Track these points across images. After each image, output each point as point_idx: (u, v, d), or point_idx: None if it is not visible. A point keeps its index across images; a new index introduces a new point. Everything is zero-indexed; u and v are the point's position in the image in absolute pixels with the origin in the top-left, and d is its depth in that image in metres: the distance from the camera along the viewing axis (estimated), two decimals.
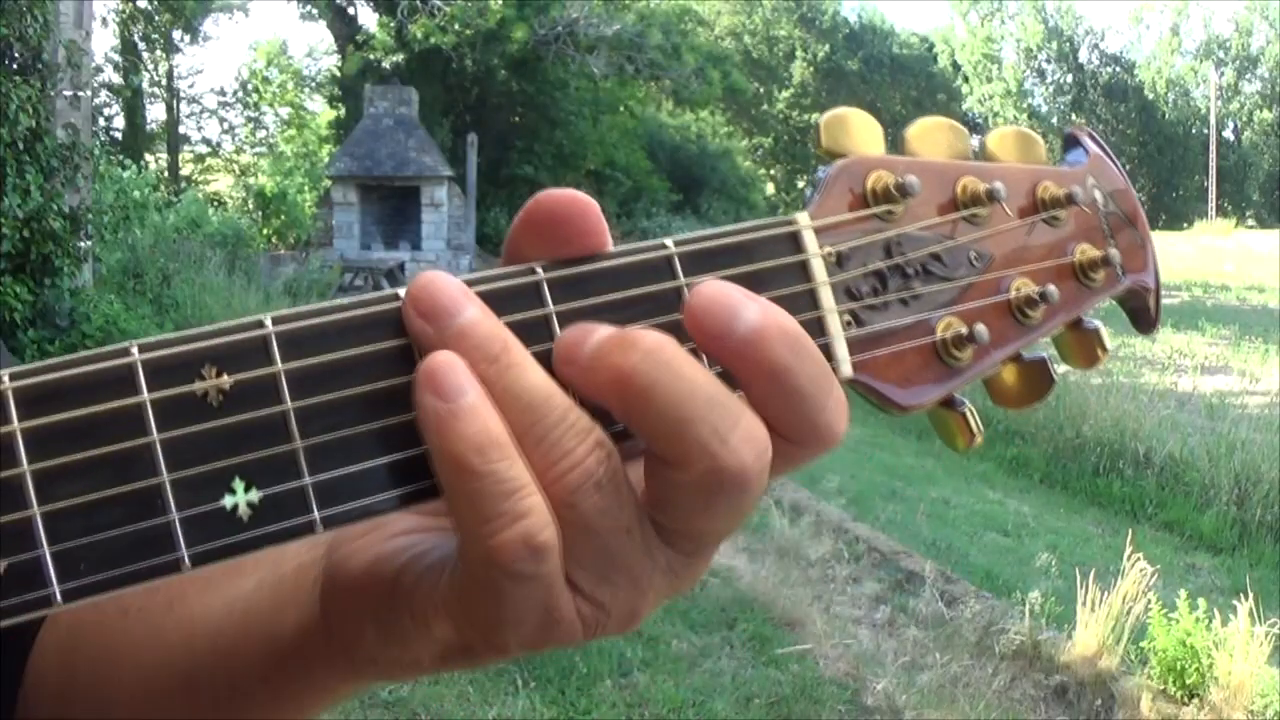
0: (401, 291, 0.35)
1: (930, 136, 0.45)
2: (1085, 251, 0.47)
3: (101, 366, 0.32)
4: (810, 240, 0.41)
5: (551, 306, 0.37)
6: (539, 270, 0.37)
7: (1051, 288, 0.45)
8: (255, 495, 0.33)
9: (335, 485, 0.34)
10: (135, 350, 0.32)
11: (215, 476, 0.33)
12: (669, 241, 0.39)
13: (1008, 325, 0.45)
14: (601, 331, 0.35)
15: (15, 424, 0.31)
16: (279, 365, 0.34)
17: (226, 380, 0.33)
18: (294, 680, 0.44)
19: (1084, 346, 0.47)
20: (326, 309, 0.35)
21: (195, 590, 0.47)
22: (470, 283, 0.36)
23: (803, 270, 0.40)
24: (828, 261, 0.41)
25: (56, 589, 0.31)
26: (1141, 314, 0.49)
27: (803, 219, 0.41)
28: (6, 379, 0.31)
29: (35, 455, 0.31)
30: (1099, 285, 0.47)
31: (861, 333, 0.41)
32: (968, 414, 0.44)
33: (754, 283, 0.39)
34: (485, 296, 0.36)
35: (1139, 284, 0.48)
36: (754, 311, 0.34)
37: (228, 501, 0.33)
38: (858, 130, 0.43)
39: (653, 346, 0.34)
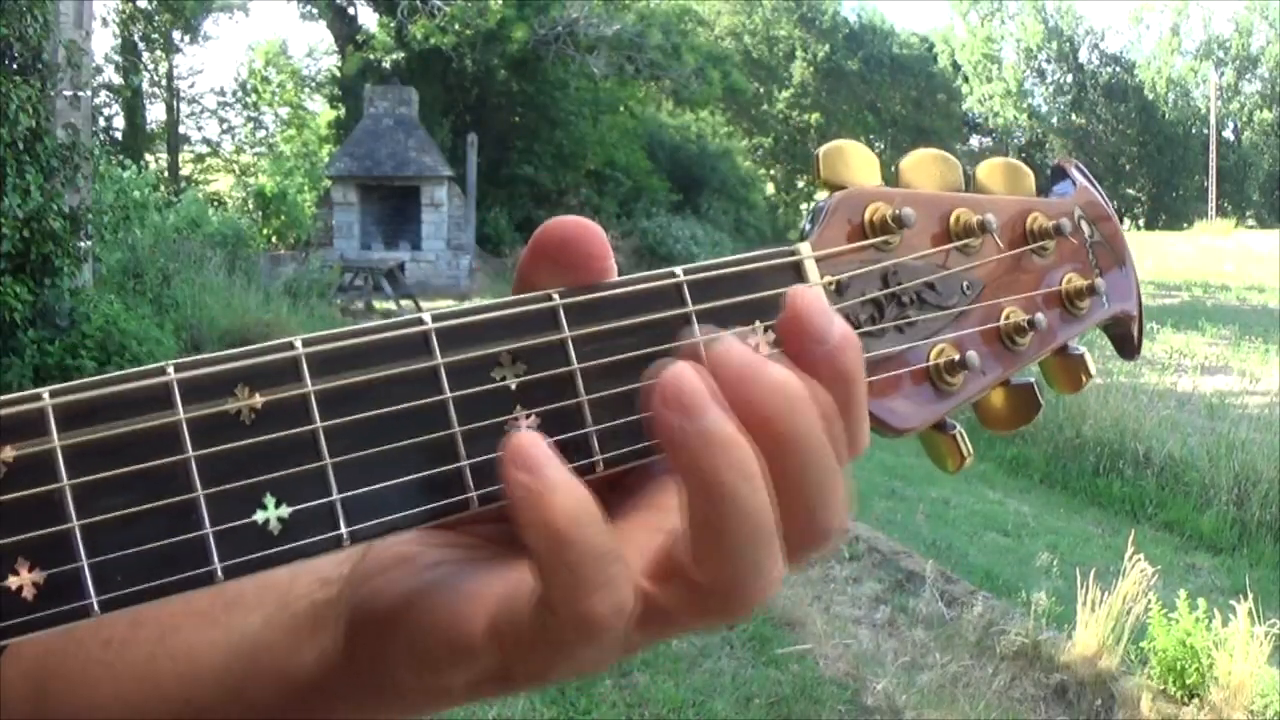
0: (426, 317, 0.37)
1: (924, 168, 0.47)
2: (1072, 280, 0.49)
3: (138, 384, 0.33)
4: (812, 270, 0.43)
5: (567, 331, 0.38)
6: (555, 297, 0.38)
7: (1040, 315, 0.47)
8: (285, 511, 0.34)
9: (362, 501, 0.35)
10: (171, 369, 0.34)
11: (247, 493, 0.34)
12: (678, 270, 0.40)
13: (998, 352, 0.47)
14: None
15: (55, 440, 0.32)
16: (309, 385, 0.35)
17: (259, 399, 0.34)
18: (309, 717, 0.44)
19: (1069, 372, 0.49)
20: (356, 331, 0.36)
21: (192, 624, 0.46)
22: (488, 307, 0.38)
23: None
24: (828, 290, 0.43)
25: (95, 600, 0.32)
26: (1125, 340, 0.51)
27: (805, 249, 0.43)
28: (46, 395, 0.32)
29: (74, 470, 0.32)
30: (1084, 313, 0.49)
31: None
32: (958, 437, 0.46)
33: (759, 310, 0.41)
34: (502, 322, 0.38)
35: (1123, 311, 0.51)
36: (841, 322, 0.37)
37: (259, 517, 0.34)
38: (855, 161, 0.45)
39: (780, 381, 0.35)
